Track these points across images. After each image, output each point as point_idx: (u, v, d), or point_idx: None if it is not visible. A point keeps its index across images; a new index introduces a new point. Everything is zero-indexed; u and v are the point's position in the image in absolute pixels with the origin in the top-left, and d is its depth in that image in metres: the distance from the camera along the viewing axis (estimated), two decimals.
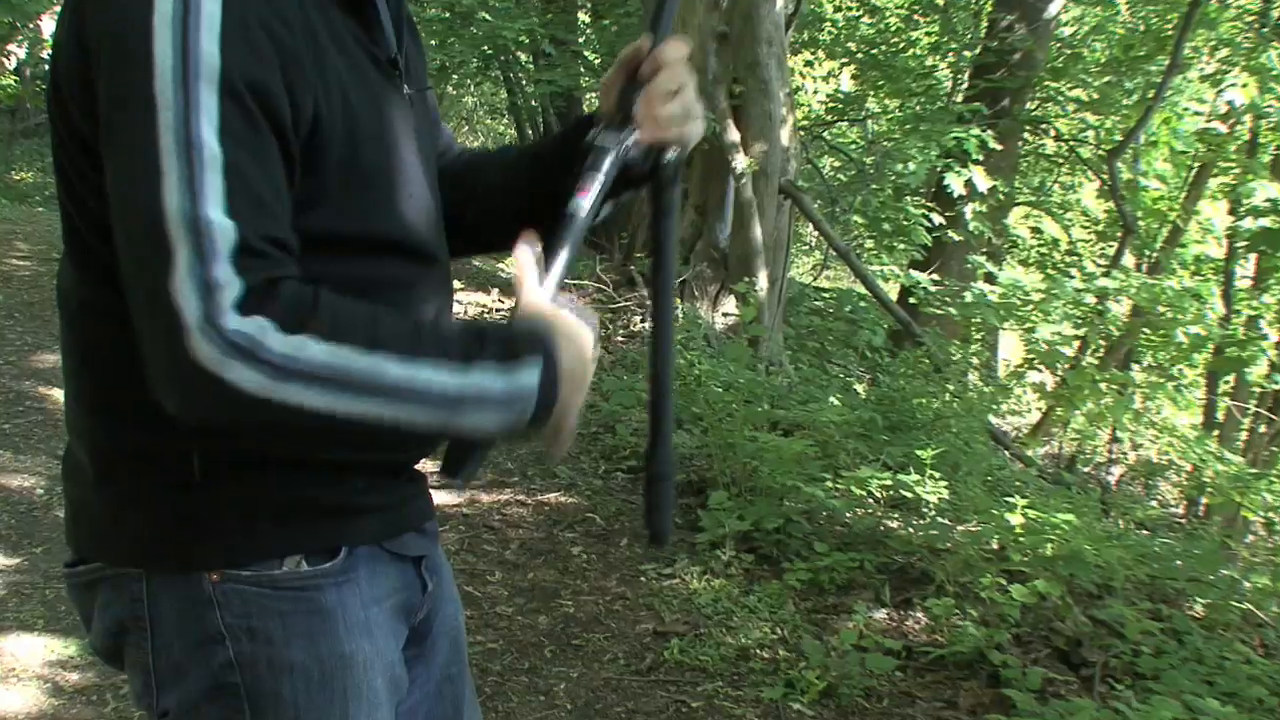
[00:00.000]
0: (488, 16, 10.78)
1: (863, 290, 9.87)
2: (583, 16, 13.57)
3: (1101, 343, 9.80)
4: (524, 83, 12.87)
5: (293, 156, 1.18)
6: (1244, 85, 10.06)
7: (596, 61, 12.39)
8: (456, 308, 1.56)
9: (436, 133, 1.59)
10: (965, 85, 11.71)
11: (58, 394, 5.77)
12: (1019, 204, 13.53)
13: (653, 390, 1.49)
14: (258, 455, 1.27)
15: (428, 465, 1.49)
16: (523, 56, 12.96)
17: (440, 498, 5.10)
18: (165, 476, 1.27)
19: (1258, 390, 11.08)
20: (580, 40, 12.80)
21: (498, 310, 9.03)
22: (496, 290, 9.65)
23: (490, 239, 1.59)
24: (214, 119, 1.09)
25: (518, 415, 1.18)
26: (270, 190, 1.14)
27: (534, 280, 1.28)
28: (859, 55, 12.65)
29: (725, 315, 8.63)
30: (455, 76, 13.20)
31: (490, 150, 1.73)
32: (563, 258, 1.31)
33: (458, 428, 1.18)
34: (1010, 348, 11.75)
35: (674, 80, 1.40)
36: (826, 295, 12.49)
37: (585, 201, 1.34)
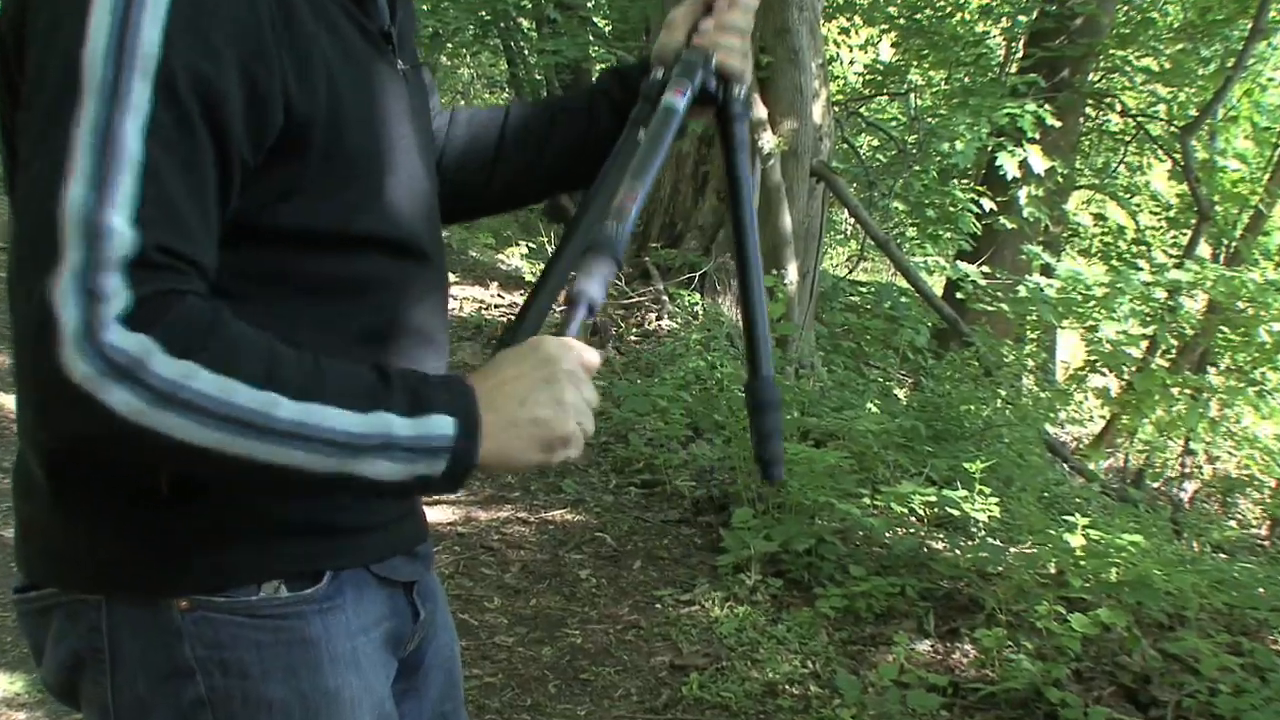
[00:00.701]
0: None
1: (904, 284, 9.87)
2: None
3: (1173, 343, 9.76)
4: (526, 52, 12.90)
5: (236, 161, 1.18)
6: None
7: (607, 29, 12.42)
8: (452, 303, 1.57)
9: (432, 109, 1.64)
10: (1020, 54, 11.70)
11: (8, 400, 5.79)
12: (1080, 187, 13.51)
13: (745, 318, 1.62)
14: None
15: None
16: (525, 23, 13.01)
17: (433, 515, 5.12)
18: (129, 492, 1.27)
19: None
20: (589, 5, 12.83)
21: (495, 305, 9.05)
22: (495, 284, 9.67)
23: (526, 196, 1.76)
24: (142, 117, 1.09)
25: (427, 466, 1.18)
26: (190, 202, 1.13)
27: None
28: (900, 21, 12.62)
29: None
30: (449, 45, 13.24)
31: (502, 107, 1.78)
32: (660, 156, 1.42)
33: (358, 476, 1.16)
34: (1070, 348, 11.72)
35: (746, 19, 1.58)
36: (863, 290, 12.48)
37: (680, 101, 1.48)
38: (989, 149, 9.22)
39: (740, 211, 1.61)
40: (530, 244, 10.40)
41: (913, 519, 5.07)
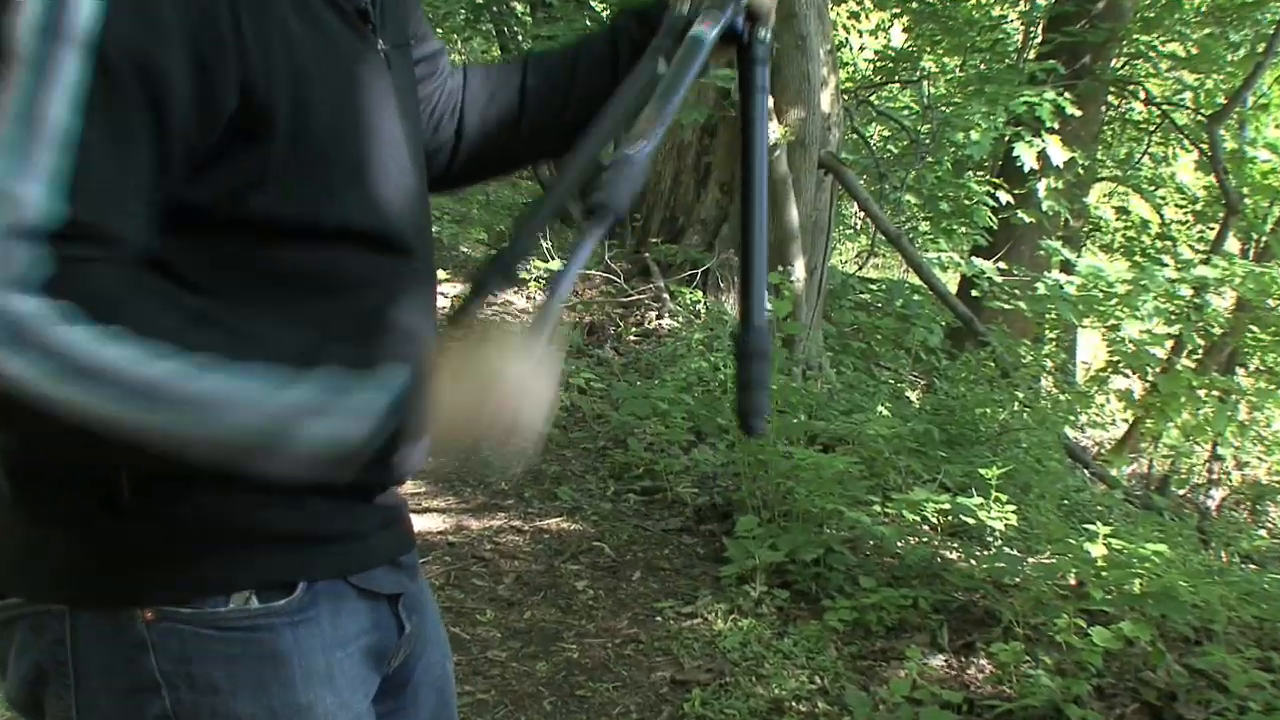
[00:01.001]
0: None
1: (916, 281, 9.87)
2: None
3: (1200, 342, 9.76)
4: (520, 38, 12.89)
5: (179, 139, 1.18)
6: None
7: (605, 14, 12.40)
8: (441, 301, 1.57)
9: (436, 84, 1.67)
10: (1039, 39, 11.70)
11: None
12: (1102, 179, 13.51)
13: (743, 263, 1.66)
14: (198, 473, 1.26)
15: (408, 487, 1.49)
16: (518, 7, 13.00)
17: (421, 523, 5.12)
18: (91, 500, 1.27)
19: None
20: None
21: (487, 304, 9.04)
22: None
23: (555, 149, 1.75)
24: (72, 89, 1.11)
25: (359, 432, 1.16)
26: (119, 176, 1.14)
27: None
28: (913, 4, 12.62)
29: None
30: (439, 30, 13.24)
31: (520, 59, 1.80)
32: (684, 87, 1.44)
33: (291, 443, 1.14)
34: (1091, 349, 11.73)
35: None
36: (874, 287, 12.49)
37: (709, 34, 1.50)
38: (1006, 139, 9.22)
39: (751, 157, 1.65)
40: None
41: (925, 527, 5.07)
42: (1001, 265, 8.93)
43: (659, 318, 8.34)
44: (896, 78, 13.52)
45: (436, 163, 1.69)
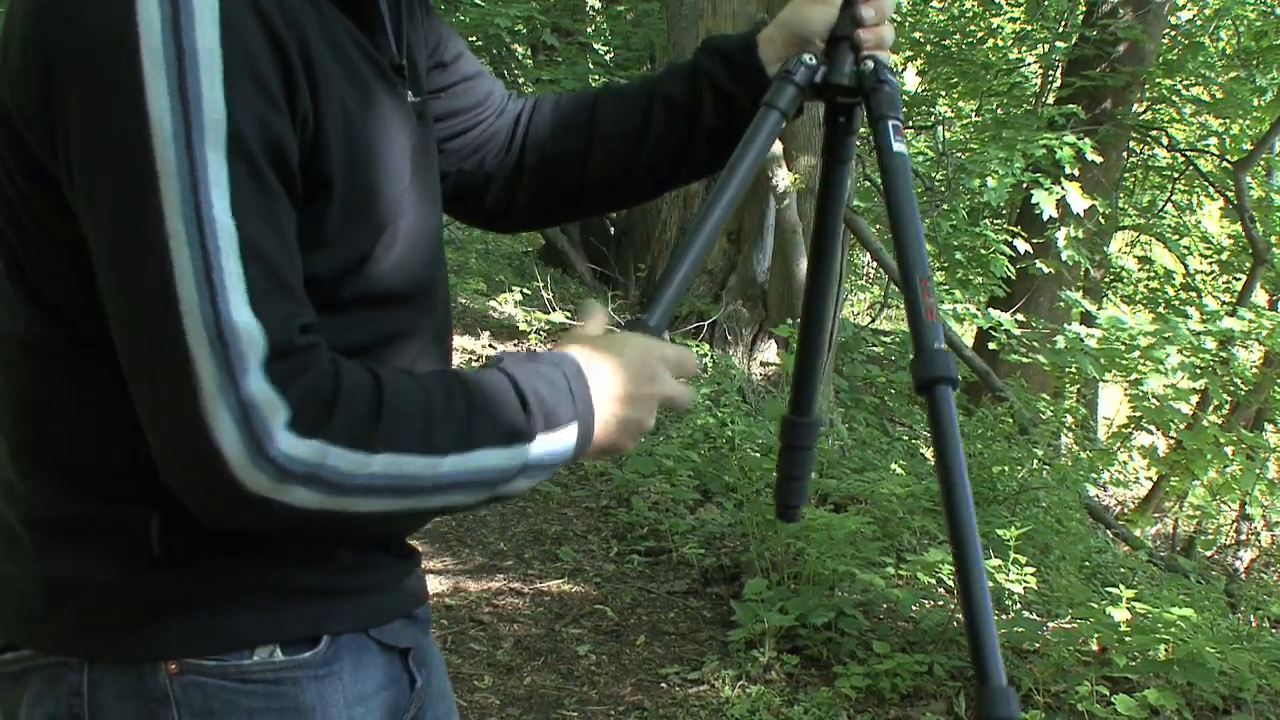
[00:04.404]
0: (478, 0, 10.87)
1: None
2: (593, 1, 13.69)
3: (1226, 398, 9.79)
4: (521, 81, 12.98)
5: (298, 203, 1.22)
6: None
7: (609, 56, 12.50)
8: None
9: (479, 109, 1.68)
10: (1058, 83, 11.77)
11: None
12: (1124, 228, 13.55)
13: (802, 340, 1.67)
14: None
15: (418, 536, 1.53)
16: (519, 49, 13.09)
17: None
18: (117, 551, 1.30)
19: None
20: (589, 31, 12.91)
21: (486, 357, 9.07)
22: (487, 334, 9.72)
23: (629, 197, 1.81)
24: (225, 188, 1.12)
25: (553, 470, 1.33)
26: (289, 265, 1.18)
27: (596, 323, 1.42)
28: (928, 47, 12.73)
29: (764, 364, 8.67)
30: None
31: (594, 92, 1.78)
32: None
33: (502, 496, 1.31)
34: (1113, 403, 11.74)
35: (890, 5, 1.56)
36: (887, 339, 12.52)
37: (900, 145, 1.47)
38: (1024, 186, 9.27)
39: (827, 225, 1.65)
40: (525, 290, 10.43)
41: (941, 590, 5.07)
42: (1020, 317, 8.97)
43: None
44: (911, 122, 13.61)
45: (489, 196, 1.71)
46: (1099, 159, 9.32)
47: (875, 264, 13.06)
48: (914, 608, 4.92)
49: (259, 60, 1.15)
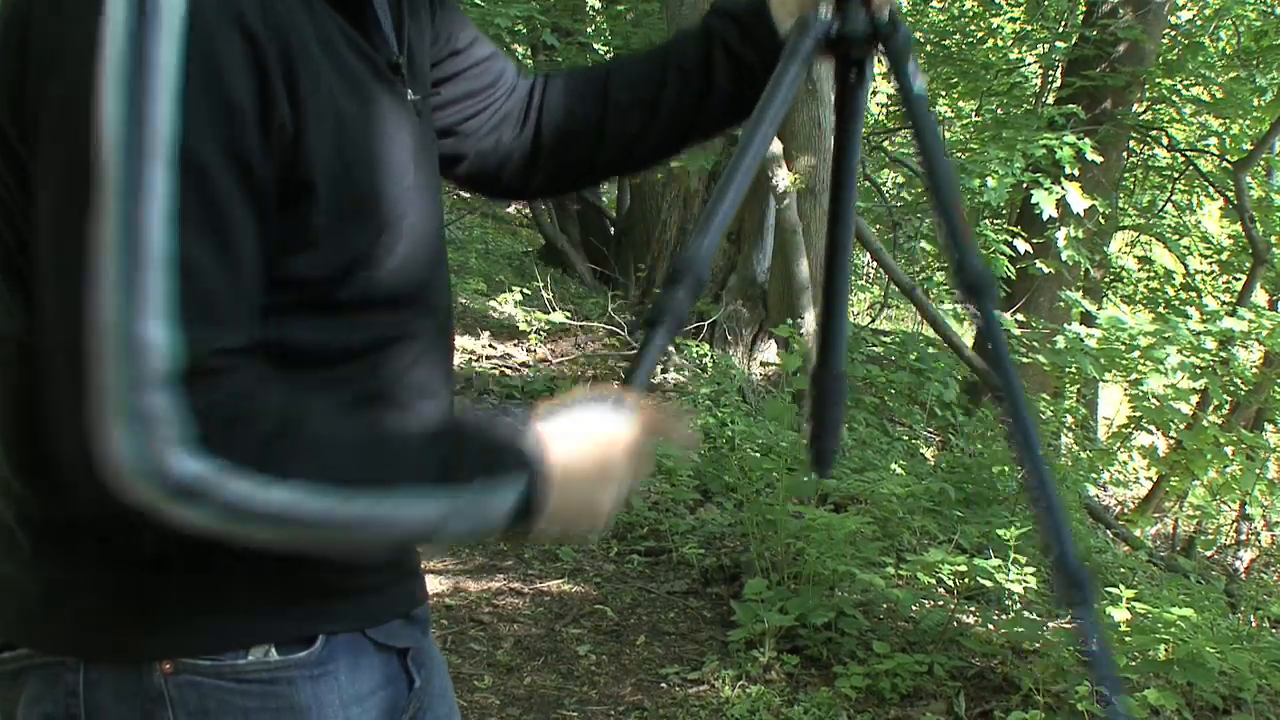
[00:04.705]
0: (478, 0, 10.88)
1: (931, 334, 9.90)
2: (593, 1, 13.69)
3: (1226, 398, 9.78)
4: None
5: (269, 217, 1.21)
6: None
7: (609, 56, 12.48)
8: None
9: (493, 90, 1.68)
10: (1058, 83, 11.78)
11: None
12: (1124, 228, 13.55)
13: (827, 288, 1.71)
14: None
15: None
16: (519, 49, 13.08)
17: None
18: (112, 551, 1.31)
19: None
20: (589, 31, 12.91)
21: (486, 357, 9.08)
22: (487, 334, 9.72)
23: (643, 162, 1.81)
24: (165, 202, 1.12)
25: (488, 529, 1.28)
26: (229, 285, 1.18)
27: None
28: (927, 47, 12.73)
29: (764, 364, 8.68)
30: None
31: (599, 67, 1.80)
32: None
33: (425, 543, 1.32)
34: (1113, 403, 11.74)
35: None
36: (887, 340, 12.51)
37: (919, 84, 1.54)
38: (1024, 186, 9.27)
39: (843, 173, 1.74)
40: (525, 290, 10.42)
41: (941, 590, 5.08)
42: (1020, 317, 8.97)
43: (664, 371, 8.37)
44: (910, 123, 13.59)
45: (507, 173, 1.71)
46: (1099, 159, 9.30)
47: (875, 264, 13.07)
48: (914, 608, 4.93)
49: (226, 71, 1.15)
